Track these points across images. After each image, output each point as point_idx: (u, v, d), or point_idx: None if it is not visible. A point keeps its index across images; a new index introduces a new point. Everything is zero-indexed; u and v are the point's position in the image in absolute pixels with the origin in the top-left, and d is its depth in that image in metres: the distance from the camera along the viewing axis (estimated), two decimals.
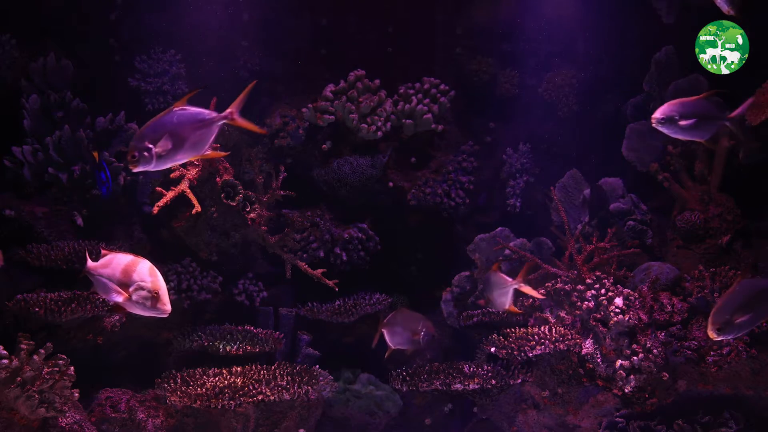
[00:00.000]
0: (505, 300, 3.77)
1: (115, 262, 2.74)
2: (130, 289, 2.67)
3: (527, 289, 3.76)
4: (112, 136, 4.53)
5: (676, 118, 3.31)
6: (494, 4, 5.32)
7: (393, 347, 3.98)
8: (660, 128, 3.34)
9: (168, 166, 2.78)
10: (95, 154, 3.65)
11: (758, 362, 3.79)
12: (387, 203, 5.04)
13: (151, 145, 2.66)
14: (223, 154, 3.00)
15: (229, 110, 2.78)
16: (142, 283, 2.66)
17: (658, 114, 3.33)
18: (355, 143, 4.89)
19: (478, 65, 5.37)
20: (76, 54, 4.66)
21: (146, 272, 2.68)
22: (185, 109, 2.72)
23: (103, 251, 2.84)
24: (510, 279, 3.74)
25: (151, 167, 2.71)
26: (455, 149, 5.22)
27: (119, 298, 2.71)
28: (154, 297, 2.66)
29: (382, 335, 3.96)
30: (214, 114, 2.76)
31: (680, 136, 3.41)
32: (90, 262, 2.82)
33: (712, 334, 3.08)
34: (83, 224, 4.26)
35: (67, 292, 3.83)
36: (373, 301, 4.68)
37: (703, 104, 3.38)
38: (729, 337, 3.17)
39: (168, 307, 2.70)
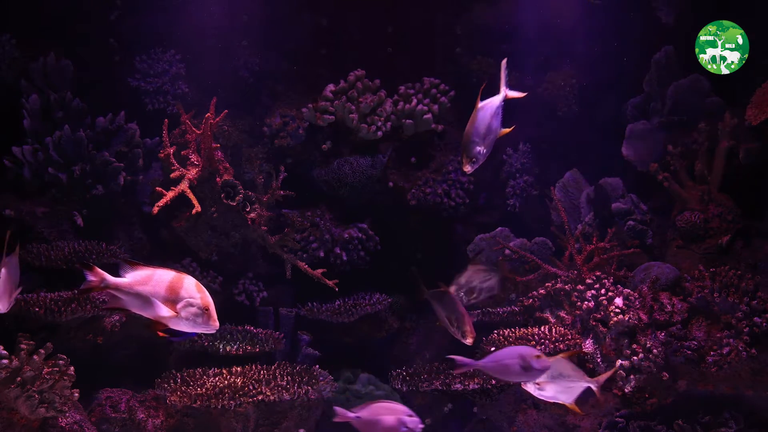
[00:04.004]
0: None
1: (156, 278, 2.64)
2: (178, 306, 2.62)
3: None
4: (112, 136, 4.53)
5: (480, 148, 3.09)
6: (494, 4, 5.32)
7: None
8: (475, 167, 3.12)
9: None
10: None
11: (758, 362, 3.79)
12: (387, 203, 5.04)
13: None
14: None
15: None
16: (192, 300, 2.62)
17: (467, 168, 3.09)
18: (355, 143, 4.89)
19: (478, 65, 5.36)
20: (76, 54, 4.66)
21: (194, 288, 2.63)
22: None
23: (124, 264, 2.69)
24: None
25: None
26: (455, 149, 5.22)
27: (167, 316, 2.63)
28: (205, 313, 2.63)
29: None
30: None
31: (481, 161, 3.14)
32: (112, 279, 2.64)
33: None
34: (83, 224, 4.26)
35: (67, 292, 3.83)
36: (373, 301, 4.67)
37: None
38: None
39: (217, 323, 2.66)
